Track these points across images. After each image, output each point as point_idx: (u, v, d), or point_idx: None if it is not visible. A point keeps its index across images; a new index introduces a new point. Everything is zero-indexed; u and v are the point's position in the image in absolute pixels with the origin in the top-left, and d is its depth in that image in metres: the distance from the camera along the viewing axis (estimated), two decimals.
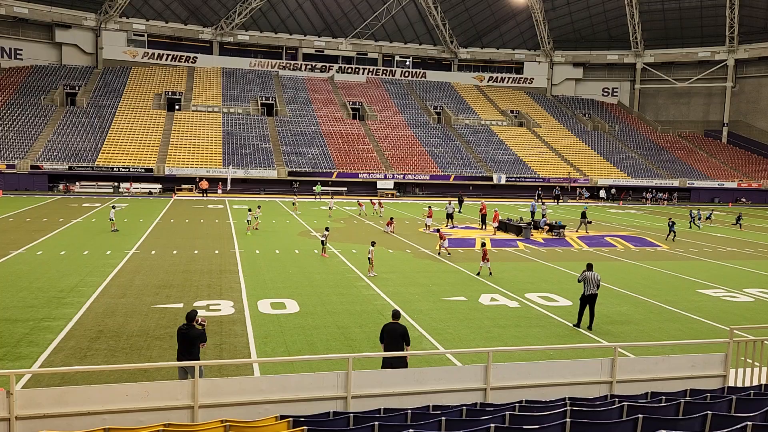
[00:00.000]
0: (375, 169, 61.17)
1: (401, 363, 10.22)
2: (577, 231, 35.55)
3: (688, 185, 68.48)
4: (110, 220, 29.98)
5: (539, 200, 50.60)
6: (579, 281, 15.72)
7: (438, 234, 26.72)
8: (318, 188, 55.43)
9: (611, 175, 68.14)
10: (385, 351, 10.74)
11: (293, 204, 43.69)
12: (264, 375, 11.03)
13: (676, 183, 68.32)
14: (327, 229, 25.90)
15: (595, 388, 9.12)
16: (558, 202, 59.80)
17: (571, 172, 66.45)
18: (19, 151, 54.22)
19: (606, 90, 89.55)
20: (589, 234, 35.04)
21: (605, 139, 77.28)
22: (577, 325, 15.62)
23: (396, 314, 11.20)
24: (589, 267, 15.88)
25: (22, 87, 65.40)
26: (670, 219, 34.60)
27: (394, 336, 10.78)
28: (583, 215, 36.47)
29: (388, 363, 10.25)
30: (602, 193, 64.88)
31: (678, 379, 9.44)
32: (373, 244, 21.88)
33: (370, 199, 46.69)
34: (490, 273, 21.90)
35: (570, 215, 46.66)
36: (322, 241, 25.11)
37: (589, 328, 15.44)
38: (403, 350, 10.66)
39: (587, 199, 64.44)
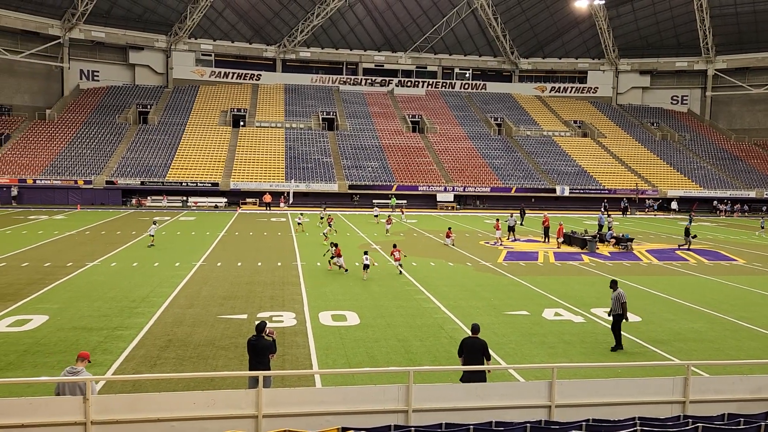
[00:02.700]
0: (435, 182, 61.05)
1: (480, 378, 10.07)
2: (687, 248, 32.88)
3: (765, 196, 65.04)
4: (150, 235, 30.07)
5: (605, 212, 49.05)
6: (623, 303, 14.55)
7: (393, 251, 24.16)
8: (393, 201, 55.99)
9: (682, 186, 65.53)
10: (464, 365, 10.61)
11: (375, 216, 44.83)
12: (326, 386, 11.12)
13: (752, 194, 64.99)
14: (366, 253, 24.06)
15: (667, 408, 8.72)
16: (625, 214, 57.96)
17: (639, 183, 64.32)
18: (95, 167, 57.07)
19: (675, 98, 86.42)
20: (659, 247, 33.74)
21: (675, 149, 74.48)
22: (620, 347, 14.61)
23: (476, 328, 10.95)
24: (615, 284, 14.94)
25: (99, 107, 68.97)
26: None
27: (474, 351, 10.58)
28: (687, 232, 33.88)
29: (467, 378, 10.13)
30: (674, 205, 62.39)
31: (759, 401, 8.91)
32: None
33: (401, 209, 47.47)
34: (400, 272, 23.34)
35: (638, 228, 45.14)
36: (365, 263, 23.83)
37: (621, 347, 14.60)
38: (483, 365, 10.49)
39: (656, 211, 62.16)
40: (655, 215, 59.52)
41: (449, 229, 34.02)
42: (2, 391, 10.79)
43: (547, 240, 35.36)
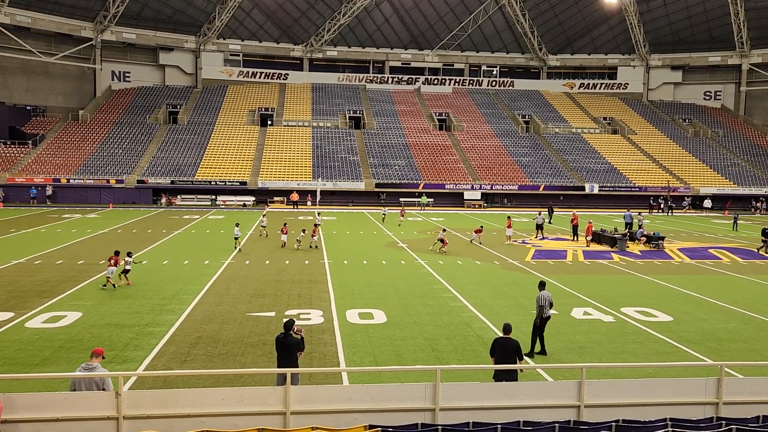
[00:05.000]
0: (462, 180, 60.75)
1: (512, 378, 10.01)
2: (764, 251, 30.78)
3: None
4: (235, 238, 29.38)
5: (649, 208, 47.36)
6: (540, 306, 13.69)
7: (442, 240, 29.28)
8: (424, 200, 55.77)
9: (714, 183, 64.14)
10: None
11: (383, 216, 44.32)
12: (353, 384, 11.16)
13: None
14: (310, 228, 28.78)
15: (699, 410, 8.56)
16: (669, 213, 57.01)
17: (671, 180, 63.16)
18: (126, 167, 58.11)
19: (708, 93, 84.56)
20: (691, 246, 33.09)
21: (707, 146, 72.91)
22: (531, 354, 13.71)
23: (507, 328, 10.85)
24: (542, 286, 14.10)
25: (130, 107, 70.26)
26: None
27: (507, 351, 10.50)
28: (764, 233, 31.14)
29: (498, 378, 10.08)
30: (707, 203, 61.06)
31: None
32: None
33: (402, 210, 46.02)
34: (316, 247, 29.16)
35: (669, 226, 44.34)
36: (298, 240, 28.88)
37: (543, 352, 13.85)
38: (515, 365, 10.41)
39: (686, 209, 60.92)
40: (684, 213, 58.40)
41: (481, 227, 33.83)
42: (38, 386, 11.08)
43: (575, 238, 34.95)
